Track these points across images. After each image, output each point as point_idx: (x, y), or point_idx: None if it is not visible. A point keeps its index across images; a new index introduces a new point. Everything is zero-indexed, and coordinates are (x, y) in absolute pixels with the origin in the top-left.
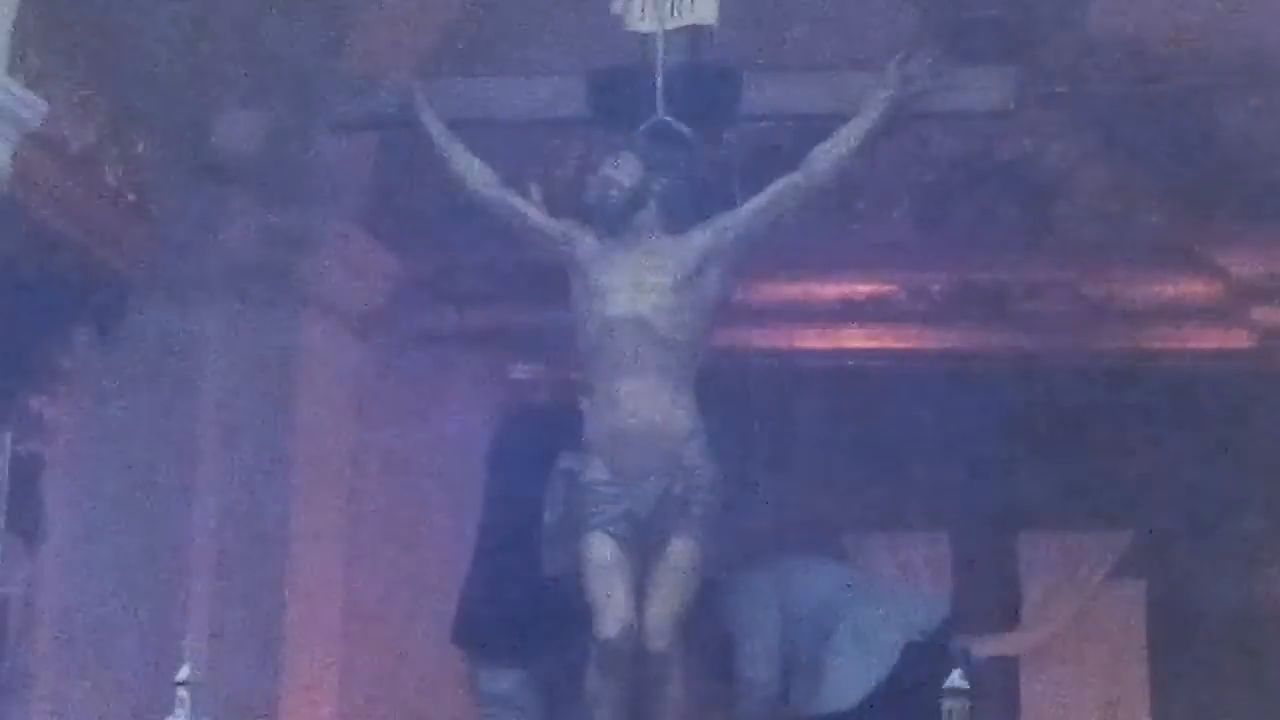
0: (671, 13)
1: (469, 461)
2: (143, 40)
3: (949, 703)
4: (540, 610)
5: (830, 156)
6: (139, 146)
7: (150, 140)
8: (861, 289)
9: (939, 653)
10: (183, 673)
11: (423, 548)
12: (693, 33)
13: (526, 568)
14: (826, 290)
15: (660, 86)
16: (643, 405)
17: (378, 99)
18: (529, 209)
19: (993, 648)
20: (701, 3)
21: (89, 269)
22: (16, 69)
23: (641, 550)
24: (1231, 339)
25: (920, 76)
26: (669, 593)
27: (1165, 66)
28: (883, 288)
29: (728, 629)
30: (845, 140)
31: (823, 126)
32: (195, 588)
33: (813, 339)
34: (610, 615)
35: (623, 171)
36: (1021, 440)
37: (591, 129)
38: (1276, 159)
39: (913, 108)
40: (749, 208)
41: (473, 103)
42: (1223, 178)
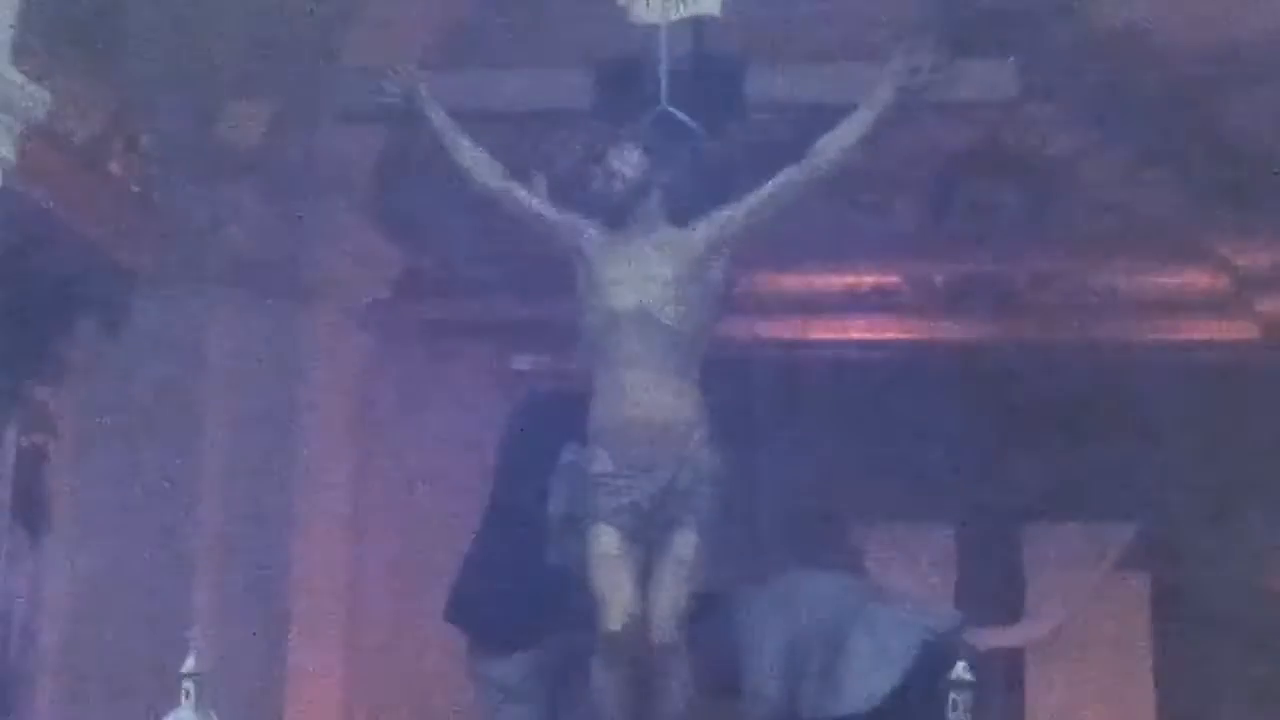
0: (676, 5)
1: (471, 450)
2: (147, 32)
3: (954, 694)
4: (544, 596)
5: (834, 148)
6: (143, 138)
7: (154, 132)
8: (865, 280)
9: (951, 652)
10: (188, 664)
11: (427, 536)
12: (696, 24)
13: (533, 553)
14: (830, 282)
15: (664, 78)
16: (647, 397)
17: (382, 91)
18: (534, 201)
19: (998, 639)
20: None
21: (93, 261)
22: (20, 61)
23: (646, 542)
24: (1236, 330)
25: (924, 68)
26: (673, 585)
27: (1168, 57)
28: (886, 279)
29: (734, 642)
30: (849, 132)
31: (826, 118)
32: (200, 579)
33: (817, 330)
34: (615, 608)
35: (627, 163)
36: (1026, 432)
37: (595, 121)
38: None
39: (916, 99)
40: (753, 199)
41: (477, 94)
42: (1228, 170)
